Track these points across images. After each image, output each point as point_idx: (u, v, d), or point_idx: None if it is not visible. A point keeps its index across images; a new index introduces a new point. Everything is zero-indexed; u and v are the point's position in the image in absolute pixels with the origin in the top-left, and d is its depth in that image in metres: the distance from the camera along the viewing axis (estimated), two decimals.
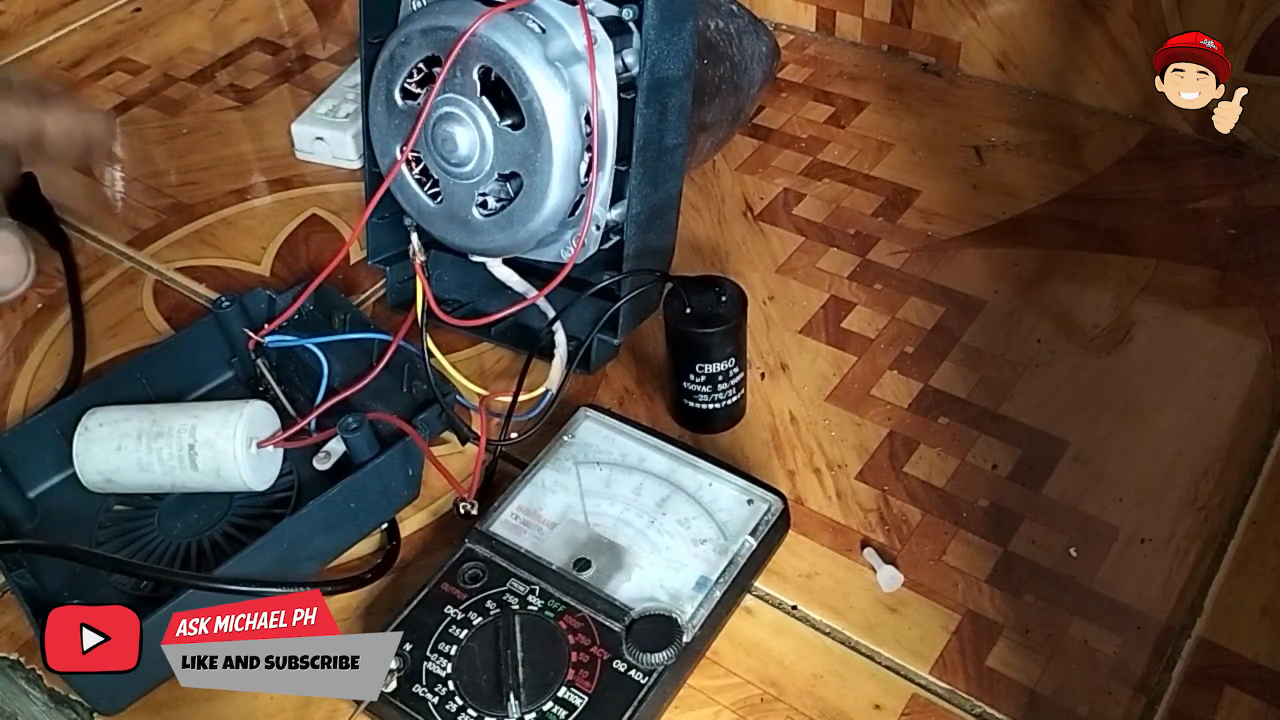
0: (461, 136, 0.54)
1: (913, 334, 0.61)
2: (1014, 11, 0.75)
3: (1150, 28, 0.70)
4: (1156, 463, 0.54)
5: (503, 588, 0.48)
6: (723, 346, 0.54)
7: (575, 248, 0.56)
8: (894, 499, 0.54)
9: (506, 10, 0.52)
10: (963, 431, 0.56)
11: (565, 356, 0.58)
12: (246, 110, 0.83)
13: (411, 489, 0.54)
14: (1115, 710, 0.45)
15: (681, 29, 0.55)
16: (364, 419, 0.51)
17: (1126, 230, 0.66)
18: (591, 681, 0.45)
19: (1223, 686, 0.46)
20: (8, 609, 0.52)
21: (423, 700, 0.44)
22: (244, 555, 0.48)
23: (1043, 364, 0.59)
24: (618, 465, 0.53)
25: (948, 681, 0.47)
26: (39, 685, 0.49)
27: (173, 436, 0.52)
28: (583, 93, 0.53)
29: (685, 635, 0.46)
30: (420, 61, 0.55)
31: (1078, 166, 0.71)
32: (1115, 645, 0.47)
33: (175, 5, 0.96)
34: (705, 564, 0.49)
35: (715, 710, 0.46)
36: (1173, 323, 0.61)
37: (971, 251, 0.66)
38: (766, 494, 0.51)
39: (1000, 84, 0.78)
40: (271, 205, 0.74)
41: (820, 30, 0.85)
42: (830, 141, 0.75)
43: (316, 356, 0.56)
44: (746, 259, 0.67)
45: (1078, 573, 0.50)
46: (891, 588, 0.50)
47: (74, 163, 0.38)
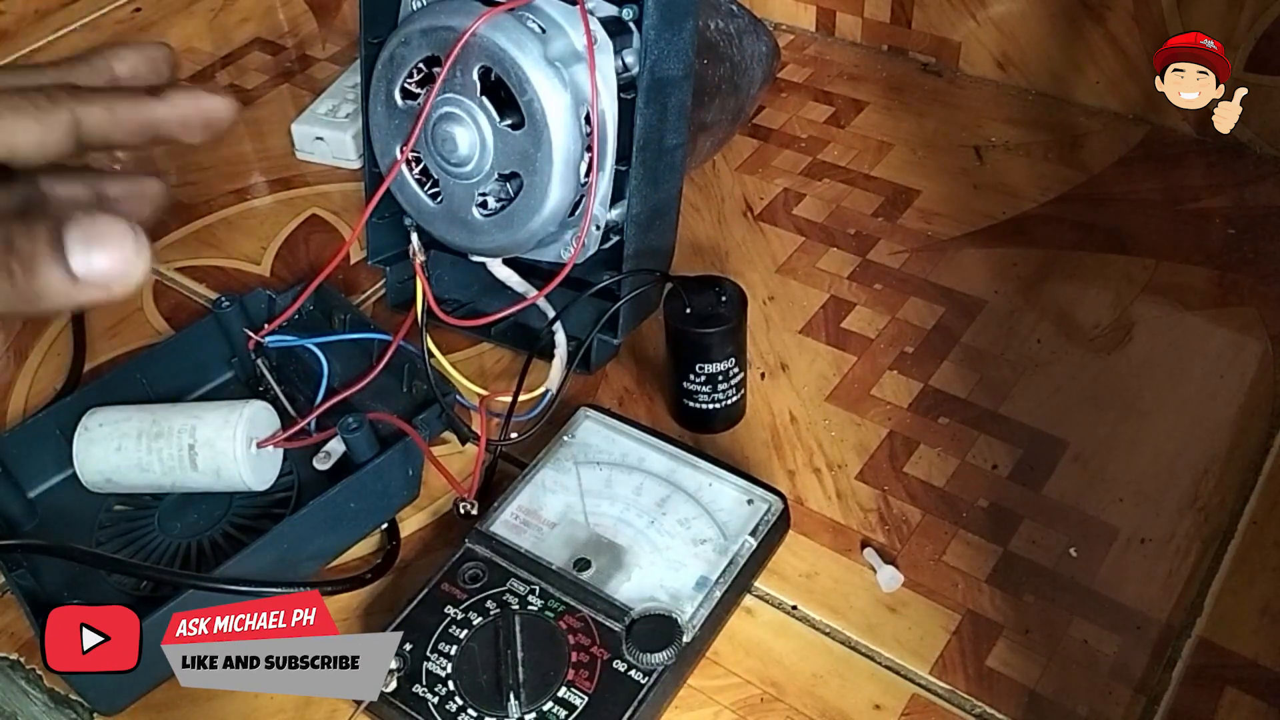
0: (461, 136, 0.54)
1: (913, 334, 0.61)
2: (1014, 11, 0.75)
3: (1150, 28, 0.70)
4: (1156, 463, 0.54)
5: (503, 588, 0.48)
6: (723, 346, 0.54)
7: (575, 248, 0.56)
8: (894, 499, 0.54)
9: (506, 10, 0.52)
10: (963, 431, 0.56)
11: (565, 356, 0.58)
12: (246, 110, 0.83)
13: (411, 489, 0.54)
14: (1115, 710, 0.45)
15: (681, 29, 0.55)
16: (364, 419, 0.51)
17: (1126, 230, 0.66)
18: (591, 681, 0.45)
19: (1223, 686, 0.46)
20: (8, 609, 0.52)
21: (423, 700, 0.44)
22: (244, 555, 0.48)
23: (1043, 364, 0.59)
24: (618, 465, 0.53)
25: (948, 681, 0.47)
26: (39, 685, 0.49)
27: (173, 436, 0.52)
28: (583, 93, 0.53)
29: (685, 635, 0.46)
30: (420, 61, 0.55)
31: (1078, 166, 0.71)
32: (1115, 645, 0.47)
33: (175, 5, 0.96)
34: (705, 564, 0.49)
35: (715, 710, 0.46)
36: (1173, 323, 0.61)
37: (971, 251, 0.66)
38: (766, 494, 0.51)
39: (1000, 84, 0.78)
40: (271, 205, 0.74)
41: (820, 30, 0.85)
42: (830, 141, 0.75)
43: (316, 356, 0.56)
44: (746, 259, 0.67)
45: (1078, 573, 0.50)
46: (891, 588, 0.50)
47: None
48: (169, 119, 0.37)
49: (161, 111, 0.37)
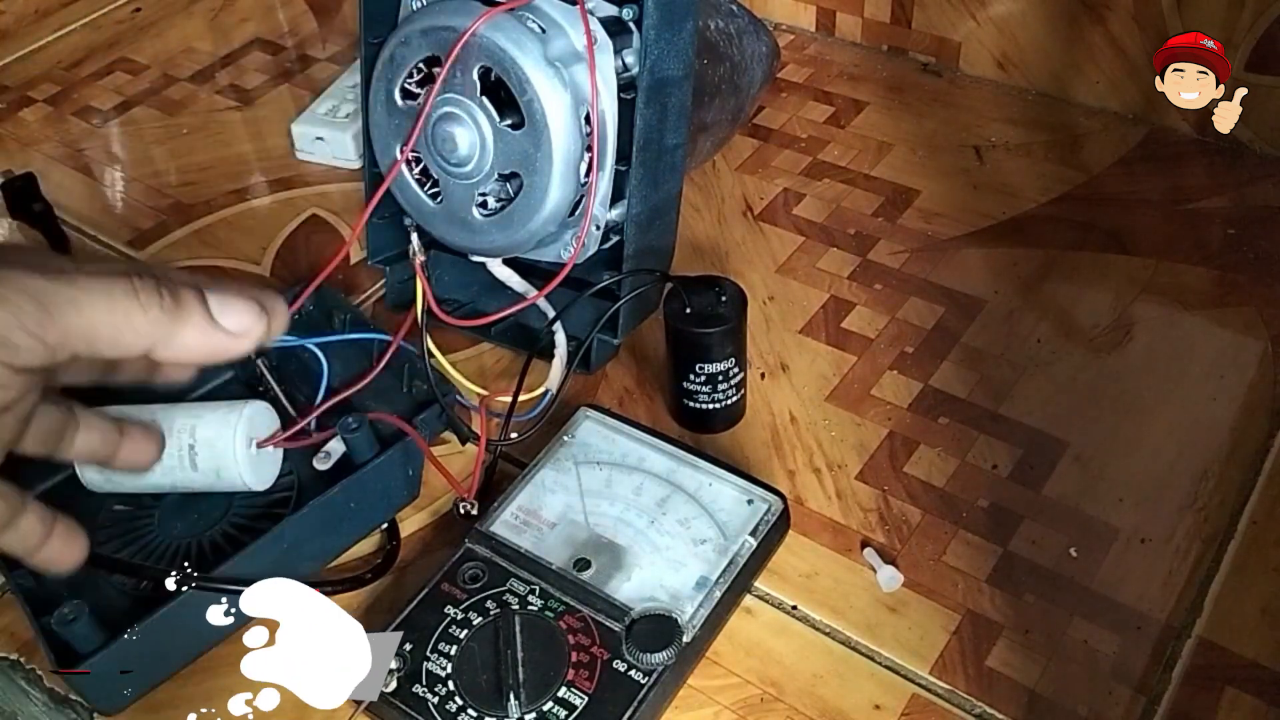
0: (461, 136, 0.54)
1: (913, 334, 0.61)
2: (1014, 11, 0.75)
3: (1150, 28, 0.70)
4: (1156, 463, 0.54)
5: (503, 588, 0.48)
6: (723, 346, 0.54)
7: (575, 248, 0.56)
8: (894, 499, 0.54)
9: (506, 10, 0.52)
10: (963, 431, 0.56)
11: (565, 356, 0.58)
12: (246, 110, 0.83)
13: (411, 489, 0.54)
14: (1115, 710, 0.45)
15: (681, 29, 0.55)
16: (364, 419, 0.51)
17: (1126, 230, 0.66)
18: (591, 681, 0.45)
19: (1223, 686, 0.46)
20: (8, 609, 0.52)
21: (423, 700, 0.44)
22: (244, 555, 0.48)
23: (1043, 364, 0.59)
24: (618, 465, 0.53)
25: (948, 681, 0.47)
26: (39, 685, 0.49)
27: (173, 436, 0.51)
28: (583, 93, 0.53)
29: (685, 635, 0.46)
30: (420, 61, 0.55)
31: (1078, 166, 0.71)
32: (1115, 645, 0.47)
33: (175, 5, 0.96)
34: (705, 564, 0.49)
35: (715, 710, 0.46)
36: (1173, 323, 0.61)
37: (971, 251, 0.66)
38: (766, 494, 0.51)
39: (1000, 84, 0.78)
40: (271, 205, 0.74)
41: (820, 30, 0.85)
42: (830, 141, 0.75)
43: (316, 356, 0.56)
44: (746, 259, 0.67)
45: (1078, 573, 0.50)
46: (891, 588, 0.50)
47: None
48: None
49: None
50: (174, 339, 0.36)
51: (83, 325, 0.35)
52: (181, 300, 0.36)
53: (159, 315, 0.36)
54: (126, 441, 0.46)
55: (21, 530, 0.40)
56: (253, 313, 0.38)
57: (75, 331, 0.35)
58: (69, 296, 0.34)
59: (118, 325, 0.35)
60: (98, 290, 0.35)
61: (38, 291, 0.34)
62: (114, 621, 0.46)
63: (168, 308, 0.36)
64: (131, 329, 0.35)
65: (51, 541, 0.42)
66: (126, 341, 0.36)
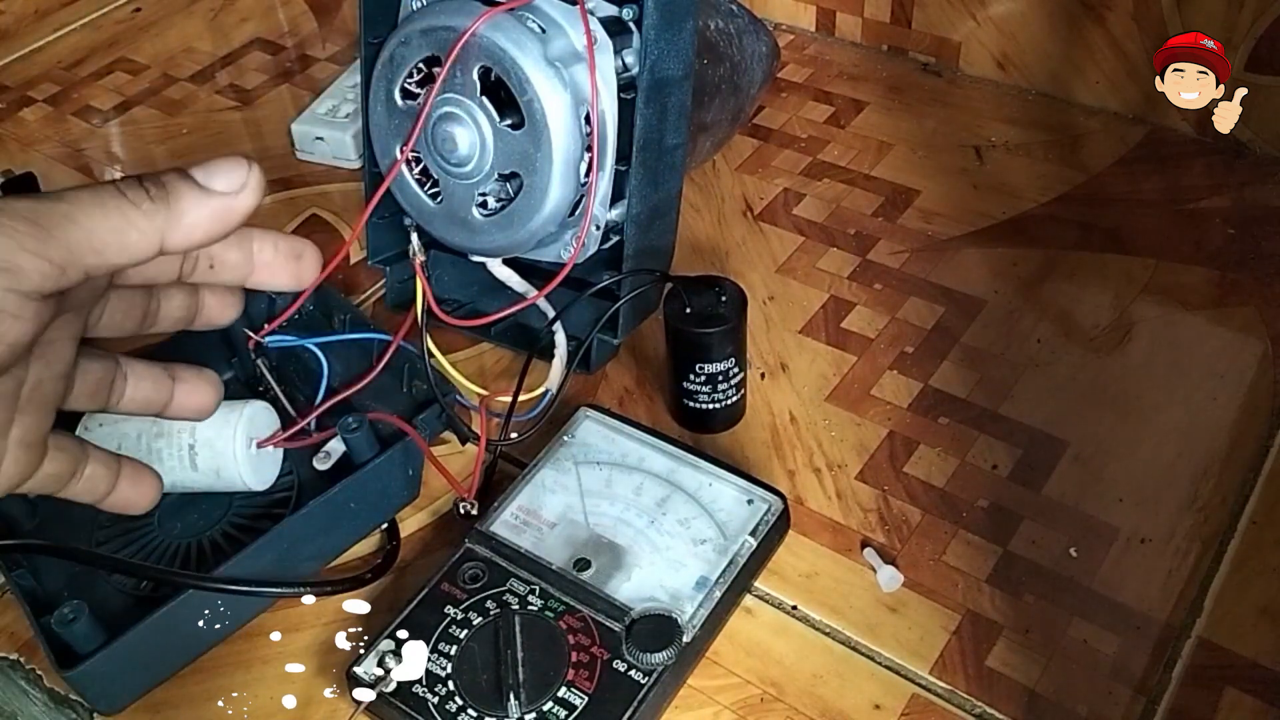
0: (461, 136, 0.54)
1: (913, 334, 0.61)
2: (1014, 11, 0.75)
3: (1150, 28, 0.70)
4: (1156, 463, 0.54)
5: (503, 588, 0.48)
6: (723, 346, 0.54)
7: (575, 248, 0.56)
8: (894, 499, 0.54)
9: (506, 10, 0.52)
10: (963, 431, 0.56)
11: (565, 356, 0.58)
12: (246, 110, 0.83)
13: (411, 489, 0.54)
14: (1115, 710, 0.45)
15: (681, 29, 0.55)
16: (364, 419, 0.51)
17: (1126, 230, 0.66)
18: (591, 681, 0.45)
19: (1223, 686, 0.46)
20: (8, 609, 0.52)
21: (423, 700, 0.44)
22: (244, 555, 0.48)
23: (1043, 364, 0.59)
24: (618, 465, 0.53)
25: (948, 681, 0.47)
26: (39, 685, 0.49)
27: (172, 436, 0.51)
28: (583, 93, 0.53)
29: (685, 635, 0.46)
30: (420, 61, 0.55)
31: (1078, 166, 0.71)
32: (1115, 645, 0.47)
33: (175, 5, 0.96)
34: (705, 564, 0.49)
35: (715, 710, 0.46)
36: (1173, 323, 0.61)
37: (971, 251, 0.66)
38: (766, 494, 0.51)
39: (1000, 84, 0.78)
40: (271, 205, 0.74)
41: (820, 30, 0.85)
42: (830, 141, 0.75)
43: (316, 356, 0.56)
44: (746, 259, 0.67)
45: (1078, 573, 0.50)
46: (891, 588, 0.50)
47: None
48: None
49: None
50: (178, 222, 0.36)
51: (83, 236, 0.34)
52: (168, 184, 0.36)
53: (152, 206, 0.35)
54: (180, 388, 0.45)
55: (89, 479, 0.41)
56: (239, 166, 0.37)
57: (78, 244, 0.34)
58: (62, 211, 0.34)
59: (117, 227, 0.35)
60: (88, 199, 0.35)
61: (29, 211, 0.33)
62: (114, 621, 0.46)
63: (157, 195, 0.35)
64: (133, 226, 0.35)
65: (120, 485, 0.43)
66: (132, 242, 0.35)
